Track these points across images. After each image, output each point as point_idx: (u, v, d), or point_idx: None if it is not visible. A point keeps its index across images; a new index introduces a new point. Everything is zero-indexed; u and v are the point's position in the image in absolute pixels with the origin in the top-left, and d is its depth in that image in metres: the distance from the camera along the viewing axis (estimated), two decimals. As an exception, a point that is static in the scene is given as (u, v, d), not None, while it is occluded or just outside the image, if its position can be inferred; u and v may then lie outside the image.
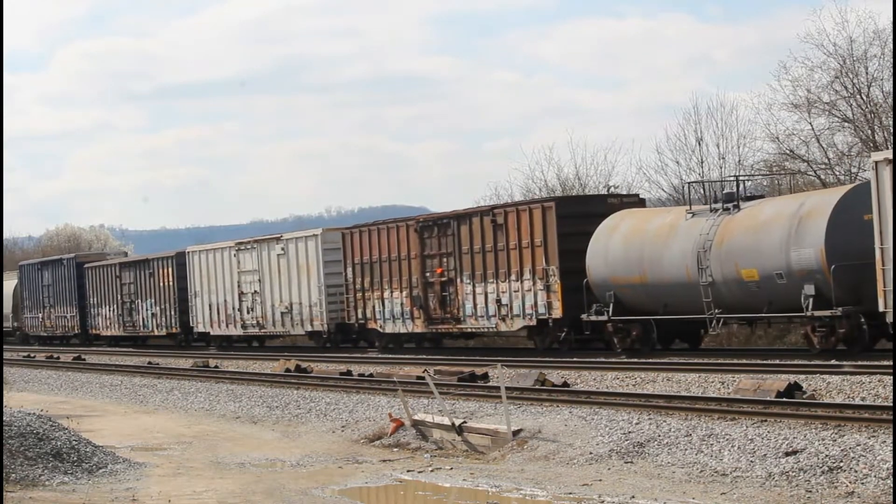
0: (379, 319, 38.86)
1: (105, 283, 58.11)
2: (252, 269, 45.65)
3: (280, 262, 43.96)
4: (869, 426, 17.84)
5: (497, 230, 33.86)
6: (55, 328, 64.42)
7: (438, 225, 36.34)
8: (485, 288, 34.42)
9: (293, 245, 43.41)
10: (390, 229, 38.19)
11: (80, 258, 63.15)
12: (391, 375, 30.55)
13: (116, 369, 44.47)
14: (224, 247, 48.02)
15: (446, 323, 36.28)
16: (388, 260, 38.19)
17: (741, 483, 16.85)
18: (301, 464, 21.68)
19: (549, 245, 32.38)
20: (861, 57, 39.98)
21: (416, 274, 37.04)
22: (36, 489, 18.78)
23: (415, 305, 37.08)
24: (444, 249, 35.97)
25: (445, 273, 35.87)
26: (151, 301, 53.58)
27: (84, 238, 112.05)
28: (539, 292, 32.57)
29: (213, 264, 48.29)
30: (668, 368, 27.07)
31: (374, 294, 38.92)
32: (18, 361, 53.66)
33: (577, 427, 21.17)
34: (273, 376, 34.81)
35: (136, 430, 27.93)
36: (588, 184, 49.64)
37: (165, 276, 52.40)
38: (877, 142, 38.69)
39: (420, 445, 23.00)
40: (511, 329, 34.23)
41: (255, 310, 45.54)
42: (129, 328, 56.11)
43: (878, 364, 23.63)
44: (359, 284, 39.49)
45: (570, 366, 29.44)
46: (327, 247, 41.70)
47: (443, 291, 36.00)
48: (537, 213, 32.70)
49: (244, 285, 46.18)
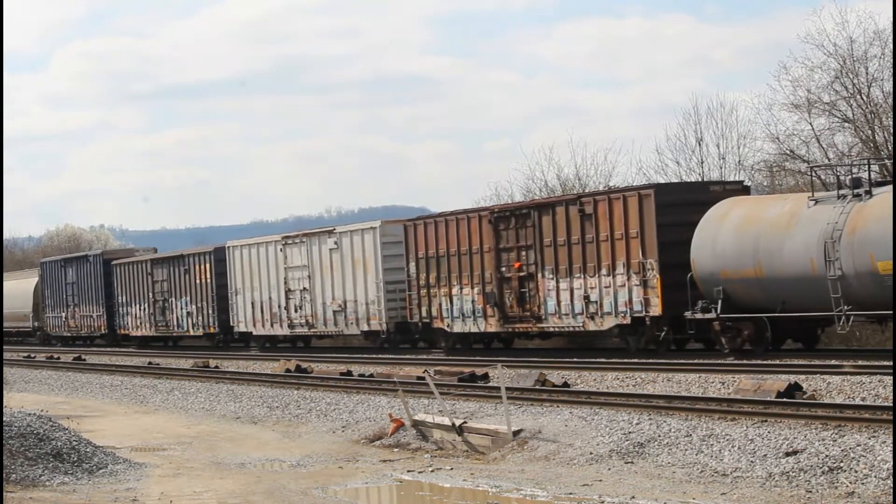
0: (446, 318, 36.01)
1: (135, 280, 54.91)
2: (301, 264, 42.81)
3: (333, 256, 41.14)
4: (869, 426, 17.84)
5: (585, 220, 31.18)
6: (80, 328, 61.22)
7: (516, 215, 33.47)
8: (570, 283, 31.74)
9: (347, 238, 40.55)
10: (460, 220, 35.52)
11: (108, 255, 59.65)
12: (391, 376, 30.56)
13: (117, 369, 44.47)
14: (269, 241, 45.03)
15: (525, 322, 33.43)
16: (458, 254, 35.47)
17: (741, 483, 16.85)
18: (301, 464, 21.70)
19: (646, 236, 29.71)
20: (861, 57, 39.98)
21: (489, 269, 34.33)
22: (36, 489, 18.79)
23: (488, 303, 34.34)
24: (523, 242, 33.16)
25: (524, 267, 33.21)
26: (186, 299, 50.62)
27: (84, 238, 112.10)
28: (635, 288, 30.01)
29: (257, 260, 45.34)
30: (668, 369, 27.06)
31: (440, 291, 36.16)
32: (18, 362, 53.64)
33: (577, 427, 21.17)
34: (273, 376, 34.81)
35: (136, 431, 27.94)
36: (588, 184, 49.63)
37: (202, 272, 49.37)
38: (877, 142, 38.70)
39: (420, 446, 23.01)
40: (601, 328, 31.47)
41: (304, 308, 42.72)
42: (161, 328, 53.11)
43: (878, 364, 23.63)
44: (423, 280, 36.72)
45: (570, 366, 29.43)
46: (386, 240, 38.99)
47: (521, 287, 33.27)
48: (633, 202, 30.01)
49: (292, 282, 43.33)
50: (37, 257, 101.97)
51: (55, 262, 64.92)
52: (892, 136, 38.13)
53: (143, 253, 58.01)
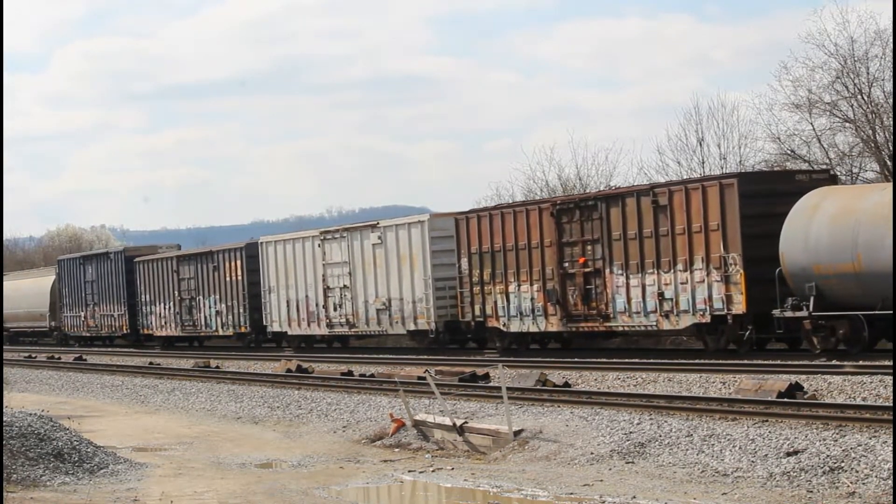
0: (502, 317, 34.01)
1: (160, 278, 52.70)
2: (341, 260, 40.70)
3: (376, 252, 39.06)
4: (870, 426, 17.84)
5: (659, 212, 29.36)
6: (100, 328, 59.00)
7: (581, 207, 31.53)
8: (642, 280, 29.89)
9: (392, 233, 38.50)
10: (518, 213, 33.50)
11: (130, 251, 57.10)
12: (392, 376, 30.56)
13: (117, 369, 44.46)
14: (306, 236, 43.12)
15: (590, 320, 31.46)
16: (515, 248, 33.42)
17: (742, 483, 16.85)
18: (302, 464, 21.70)
19: (728, 229, 27.91)
20: (862, 57, 40.02)
21: (551, 264, 32.39)
22: (37, 489, 18.79)
23: (549, 301, 32.34)
24: (589, 235, 31.27)
25: (590, 263, 31.29)
26: (215, 298, 48.35)
27: (85, 238, 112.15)
28: (715, 284, 28.18)
29: (293, 256, 43.24)
30: (669, 369, 27.07)
31: (495, 288, 34.12)
32: (19, 362, 53.62)
33: (578, 427, 21.17)
34: (274, 377, 34.81)
35: (137, 431, 27.94)
36: (589, 184, 49.67)
37: (233, 269, 47.13)
38: (878, 142, 38.73)
39: (421, 446, 23.01)
40: (676, 327, 29.66)
41: (345, 307, 40.58)
42: (188, 328, 50.99)
43: (878, 364, 23.63)
44: (476, 277, 34.74)
45: (571, 366, 29.44)
46: (436, 234, 36.88)
47: (586, 284, 31.36)
48: (713, 192, 28.25)
49: (331, 279, 41.19)
50: (37, 257, 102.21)
51: (73, 259, 62.88)
52: (892, 136, 38.13)
53: (166, 250, 55.88)
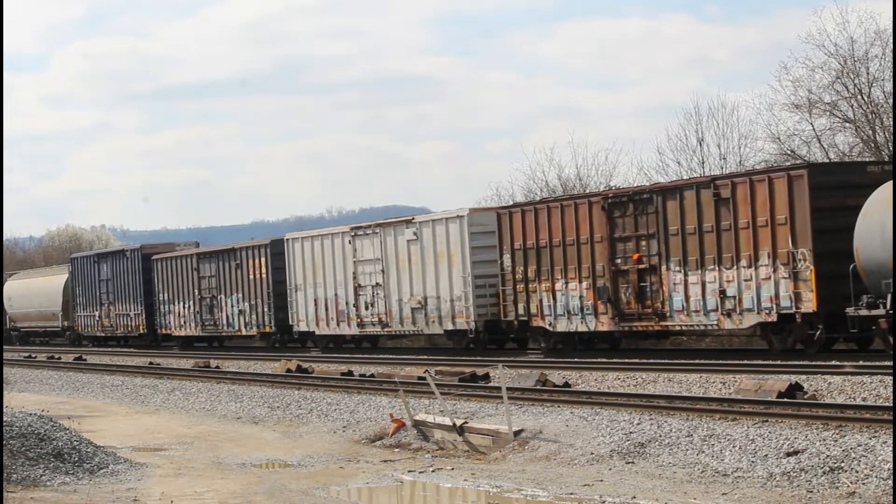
0: (548, 316, 32.46)
1: (179, 276, 51.13)
2: (373, 257, 39.15)
3: (411, 248, 37.52)
4: (870, 426, 17.84)
5: (720, 206, 28.00)
6: (115, 328, 57.27)
7: (635, 201, 30.09)
8: (702, 276, 28.47)
9: (429, 229, 36.95)
10: (566, 207, 31.95)
11: (147, 249, 55.16)
12: (392, 376, 30.56)
13: (117, 369, 44.47)
14: (335, 232, 41.53)
15: (645, 319, 30.01)
16: (563, 244, 31.83)
17: (742, 483, 16.86)
18: (302, 464, 21.70)
19: (797, 222, 26.53)
20: (862, 57, 40.06)
21: (601, 261, 30.95)
22: (37, 489, 18.79)
23: (600, 299, 30.94)
24: (644, 230, 29.89)
25: (645, 259, 29.87)
26: (238, 296, 46.75)
27: (85, 238, 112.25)
28: (782, 281, 26.79)
29: (321, 253, 41.62)
30: (669, 369, 27.06)
31: (541, 286, 32.54)
32: (19, 362, 53.62)
33: (578, 427, 21.18)
34: (274, 377, 34.81)
35: (137, 431, 27.95)
36: (589, 184, 49.70)
37: (257, 267, 45.47)
38: (878, 142, 38.74)
39: (421, 446, 23.02)
40: (739, 326, 28.28)
41: (377, 305, 39.02)
42: (208, 327, 49.36)
43: (878, 364, 23.63)
44: (520, 274, 33.17)
45: (571, 366, 29.44)
46: (475, 230, 35.48)
47: (640, 281, 29.92)
48: (780, 184, 26.82)
49: (362, 277, 39.62)
50: (37, 257, 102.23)
51: (88, 257, 61.41)
52: (892, 136, 38.14)
53: (184, 247, 54.13)
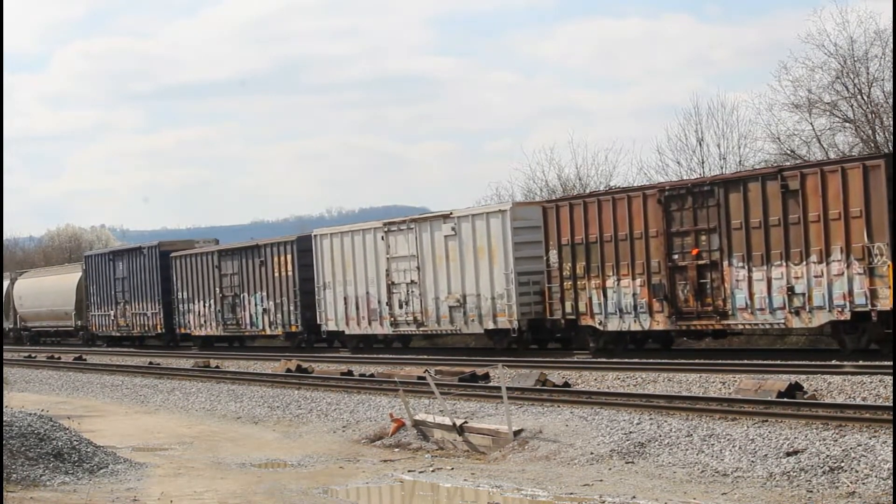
0: (597, 314, 31.10)
1: (199, 274, 49.54)
2: (407, 254, 37.67)
3: (449, 244, 36.06)
4: (870, 426, 17.85)
5: (788, 198, 26.56)
6: (131, 327, 55.57)
7: (694, 193, 28.74)
8: (767, 273, 27.07)
9: (468, 224, 35.39)
10: (618, 201, 30.59)
11: (165, 246, 53.54)
12: (392, 376, 30.57)
13: (117, 369, 44.47)
14: (367, 228, 39.91)
15: (704, 318, 28.68)
16: (615, 239, 30.53)
17: (742, 483, 16.86)
18: (302, 464, 21.70)
19: (873, 215, 25.20)
20: (862, 57, 40.04)
21: (657, 256, 29.58)
22: (37, 489, 18.79)
23: (655, 296, 29.62)
24: (703, 224, 28.50)
25: (704, 254, 28.51)
26: (262, 295, 45.23)
27: (85, 238, 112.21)
28: (856, 277, 25.51)
29: (351, 249, 40.17)
30: (668, 368, 27.07)
31: (590, 283, 31.20)
32: (19, 362, 53.62)
33: (578, 427, 21.18)
34: (274, 376, 34.82)
35: (136, 431, 27.95)
36: (589, 184, 49.68)
37: (282, 264, 44.02)
38: (878, 142, 38.72)
39: (421, 445, 23.02)
40: (808, 325, 26.91)
41: (412, 304, 37.64)
42: (230, 327, 47.76)
43: (878, 364, 23.65)
44: (567, 271, 31.76)
45: (570, 366, 29.45)
46: (519, 224, 33.97)
47: (700, 278, 28.61)
48: (854, 175, 25.49)
49: (396, 274, 38.15)
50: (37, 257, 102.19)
51: (102, 255, 59.48)
52: (892, 136, 38.13)
53: (203, 244, 52.71)
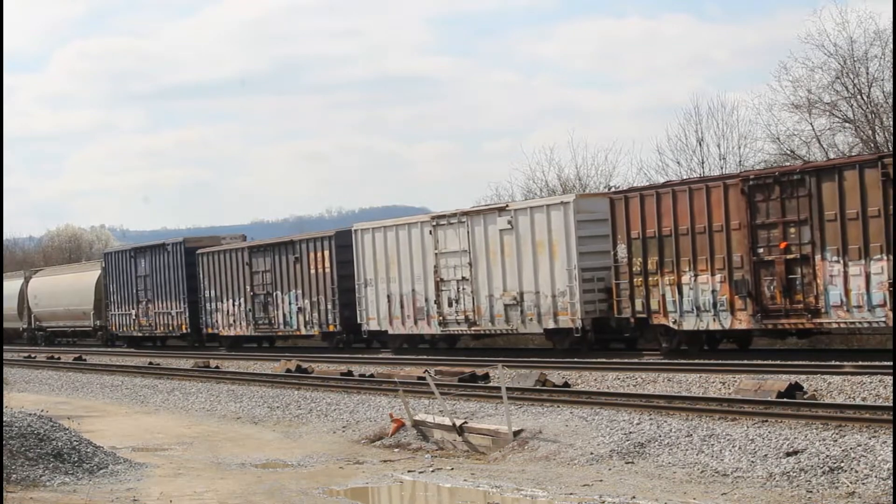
0: (672, 312, 29.21)
1: (228, 271, 47.50)
2: (458, 249, 35.64)
3: (504, 239, 34.06)
4: (870, 426, 17.85)
5: (888, 187, 24.90)
6: (154, 327, 53.58)
7: (782, 183, 26.83)
8: (866, 268, 25.32)
9: (526, 217, 33.39)
10: (695, 191, 28.72)
11: (191, 242, 51.34)
12: (392, 376, 30.58)
13: (117, 370, 44.48)
14: (413, 222, 37.98)
15: (793, 316, 26.76)
16: (691, 232, 28.73)
17: (742, 483, 16.86)
18: (302, 464, 21.70)
19: None
20: (862, 57, 40.05)
21: (739, 250, 27.72)
22: (37, 489, 18.79)
23: (738, 293, 27.77)
24: (793, 216, 26.62)
25: (794, 248, 26.68)
26: (297, 293, 43.16)
27: (85, 238, 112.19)
28: None
29: (396, 245, 38.17)
30: (668, 369, 27.07)
31: (664, 279, 29.35)
32: (19, 362, 53.65)
33: (577, 427, 21.18)
34: (274, 377, 34.83)
35: (136, 431, 27.95)
36: (589, 184, 49.67)
37: (319, 261, 42.04)
38: (878, 142, 38.73)
39: (421, 446, 23.02)
40: None
41: (463, 302, 35.61)
42: (262, 326, 45.76)
43: (878, 364, 23.65)
44: (638, 266, 29.90)
45: (570, 366, 29.44)
46: (583, 217, 32.01)
47: (788, 273, 26.71)
48: None
49: (445, 270, 36.15)
50: (37, 257, 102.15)
51: (123, 252, 57.10)
52: (892, 136, 38.13)
53: (230, 240, 50.92)
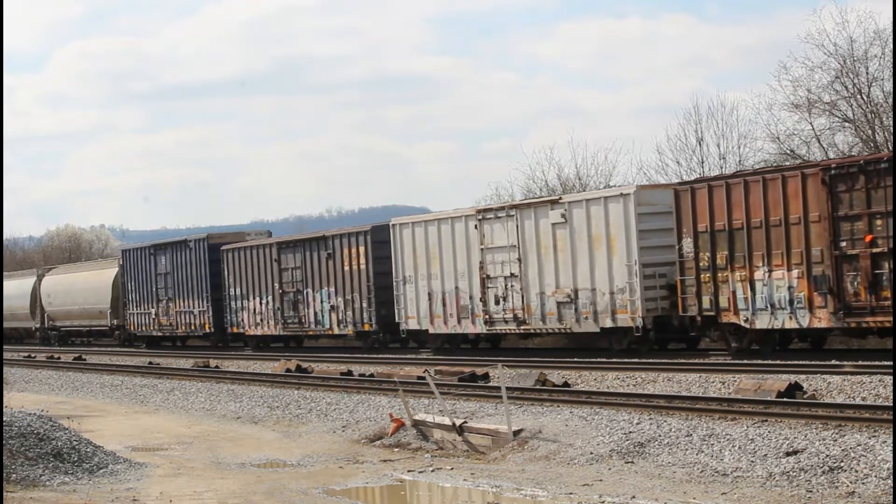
0: (743, 310, 27.57)
1: (255, 269, 45.76)
2: (506, 244, 33.96)
3: (557, 233, 32.36)
4: (869, 426, 17.86)
5: None
6: (175, 326, 51.86)
7: (868, 172, 25.35)
8: None
9: (581, 210, 31.71)
10: (769, 181, 27.18)
11: (214, 239, 49.80)
12: (392, 375, 30.57)
13: (117, 369, 44.48)
14: (456, 216, 36.12)
15: (880, 314, 25.27)
16: (765, 225, 27.19)
17: (742, 483, 16.86)
18: (302, 464, 21.71)
19: None
20: (861, 57, 40.07)
21: (819, 244, 26.24)
22: (36, 489, 18.80)
23: (817, 290, 26.30)
24: (879, 207, 25.22)
25: (881, 241, 25.20)
26: (329, 290, 41.49)
27: (85, 238, 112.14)
28: None
29: (437, 240, 36.49)
30: (668, 368, 27.06)
31: (734, 275, 27.72)
32: (19, 361, 53.65)
33: (577, 427, 21.18)
34: (274, 376, 34.82)
35: (136, 431, 27.96)
36: (589, 184, 49.68)
37: (354, 257, 40.43)
38: (877, 142, 38.73)
39: (421, 445, 23.02)
40: None
41: (511, 300, 33.91)
42: (292, 326, 44.10)
43: (878, 364, 23.65)
44: (706, 261, 28.35)
45: (570, 366, 29.44)
46: (644, 210, 30.38)
47: (874, 268, 25.34)
48: None
49: (491, 266, 34.46)
50: (37, 257, 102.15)
51: (142, 249, 54.99)
52: (892, 136, 38.14)
53: (255, 237, 49.16)
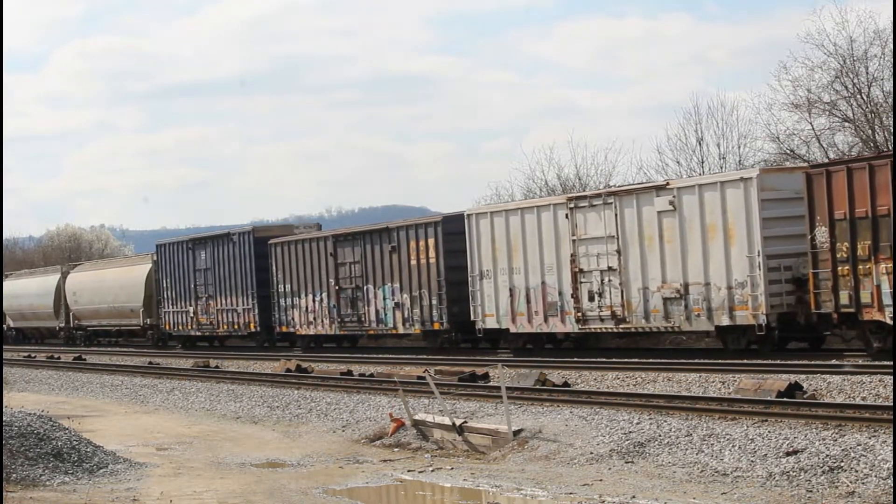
0: (889, 306, 24.71)
1: (307, 263, 43.04)
2: (603, 234, 31.23)
3: (664, 222, 29.73)
4: (870, 426, 17.85)
5: None
6: (216, 326, 49.04)
7: None
8: None
9: (693, 196, 29.00)
10: None
11: (261, 232, 46.83)
12: (392, 375, 30.57)
13: (117, 369, 44.46)
14: (543, 204, 33.59)
15: None
16: None
17: (742, 483, 16.86)
18: (302, 464, 21.70)
19: None
20: (861, 57, 40.07)
21: None
22: (36, 489, 18.80)
23: None
24: None
25: None
26: (394, 286, 38.87)
27: (85, 238, 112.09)
28: None
29: (521, 231, 33.62)
30: (668, 368, 27.06)
31: (877, 267, 24.91)
32: (19, 361, 53.64)
33: (577, 427, 21.18)
34: (274, 376, 34.82)
35: (136, 431, 27.95)
36: (588, 184, 49.67)
37: (422, 250, 37.73)
38: (877, 142, 38.73)
39: (421, 445, 23.02)
40: None
41: (608, 295, 31.32)
42: (350, 324, 41.17)
43: (878, 364, 23.65)
44: (844, 253, 25.53)
45: (570, 366, 29.44)
46: (768, 196, 27.63)
47: None
48: None
49: (585, 259, 31.83)
50: (37, 257, 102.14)
51: (179, 244, 52.08)
52: (892, 136, 38.13)
53: (304, 230, 46.56)
